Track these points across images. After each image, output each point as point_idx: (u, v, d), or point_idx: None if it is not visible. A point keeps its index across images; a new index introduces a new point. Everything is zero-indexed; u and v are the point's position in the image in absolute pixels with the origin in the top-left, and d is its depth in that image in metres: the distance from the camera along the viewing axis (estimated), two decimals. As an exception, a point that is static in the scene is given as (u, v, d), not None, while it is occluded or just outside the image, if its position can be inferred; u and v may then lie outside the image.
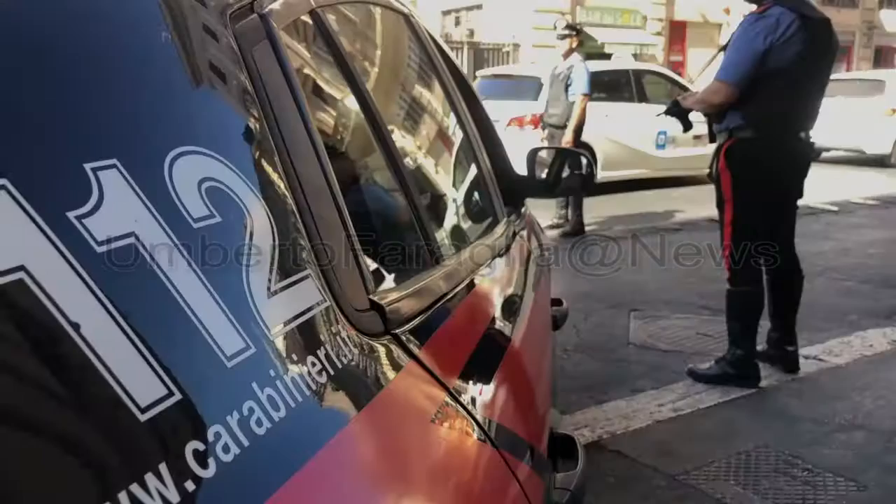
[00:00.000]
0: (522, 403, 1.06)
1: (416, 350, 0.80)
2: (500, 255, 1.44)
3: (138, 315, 0.46)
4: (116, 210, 0.48)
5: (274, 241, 0.61)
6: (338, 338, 0.66)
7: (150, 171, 0.52)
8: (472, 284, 1.15)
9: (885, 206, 8.76)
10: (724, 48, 3.40)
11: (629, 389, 3.51)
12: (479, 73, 12.62)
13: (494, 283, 1.31)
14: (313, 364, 0.60)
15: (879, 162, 12.85)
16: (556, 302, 1.98)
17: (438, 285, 0.99)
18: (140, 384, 0.44)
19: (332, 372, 0.62)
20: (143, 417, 0.44)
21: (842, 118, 12.10)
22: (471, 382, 0.91)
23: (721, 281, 3.54)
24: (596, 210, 8.04)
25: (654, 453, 2.87)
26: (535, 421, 1.10)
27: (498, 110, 9.10)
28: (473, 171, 1.62)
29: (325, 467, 0.54)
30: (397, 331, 0.79)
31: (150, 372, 0.45)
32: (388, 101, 1.23)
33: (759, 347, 3.60)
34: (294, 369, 0.58)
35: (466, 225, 1.50)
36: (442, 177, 1.43)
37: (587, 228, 7.27)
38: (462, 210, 1.53)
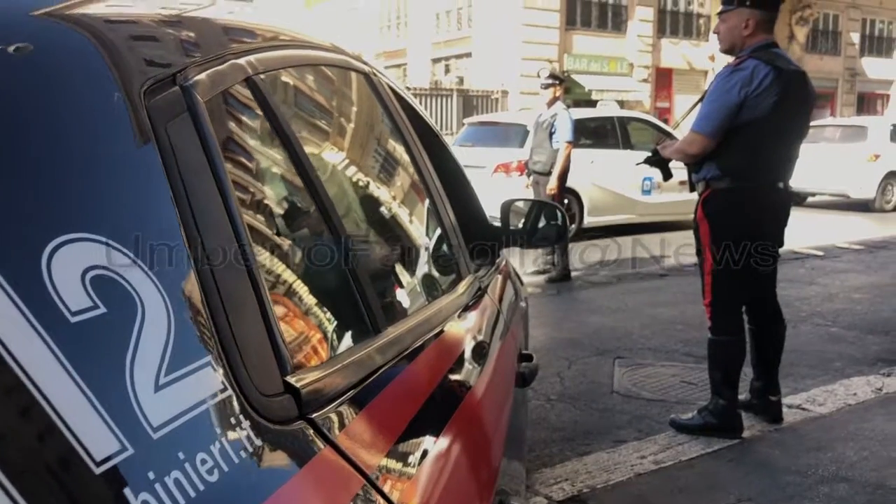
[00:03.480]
0: (460, 480, 1.01)
1: (334, 434, 0.76)
2: (458, 315, 1.41)
3: None
4: None
5: (169, 329, 0.59)
6: (237, 429, 0.63)
7: (23, 264, 0.50)
8: (416, 352, 1.11)
9: (869, 251, 8.81)
10: (701, 99, 3.44)
11: (611, 440, 3.46)
12: (467, 120, 12.76)
13: (444, 348, 1.27)
14: (203, 462, 0.57)
15: (864, 206, 12.98)
16: (527, 357, 1.94)
17: (373, 358, 0.94)
18: None
19: (225, 468, 0.58)
20: None
21: (826, 163, 12.29)
22: (398, 464, 0.86)
23: (706, 328, 3.52)
24: (582, 255, 8.05)
25: (634, 508, 2.82)
26: (475, 495, 1.06)
27: (484, 157, 9.22)
28: (434, 229, 1.59)
29: None
30: (315, 414, 0.75)
31: None
32: (335, 166, 1.20)
33: (742, 397, 3.58)
34: (179, 469, 0.54)
35: (420, 287, 1.46)
36: (392, 240, 1.40)
37: (573, 274, 7.27)
38: (415, 272, 1.49)
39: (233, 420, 0.63)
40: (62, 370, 0.49)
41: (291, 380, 0.74)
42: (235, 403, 0.64)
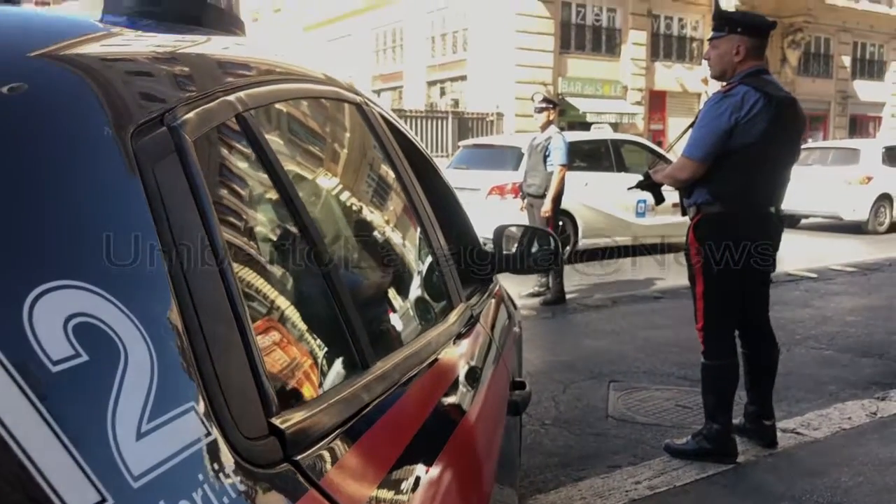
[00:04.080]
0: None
1: (319, 476, 0.75)
2: (449, 346, 1.41)
3: None
4: None
5: (152, 374, 0.59)
6: (220, 475, 0.62)
7: (3, 313, 0.50)
8: (406, 386, 1.10)
9: (863, 273, 8.83)
10: (693, 123, 3.47)
11: (606, 465, 3.45)
12: (462, 142, 12.82)
13: (434, 380, 1.26)
14: None
15: (857, 228, 13.04)
16: (519, 385, 1.93)
17: (361, 394, 0.93)
18: None
19: None
20: None
21: (819, 186, 12.38)
22: (386, 502, 0.85)
23: (700, 350, 3.52)
24: (577, 278, 8.07)
25: (629, 535, 2.80)
26: None
27: (479, 179, 9.26)
28: (425, 257, 1.59)
29: None
30: (299, 456, 0.74)
31: None
32: (325, 199, 1.20)
33: (736, 421, 3.57)
34: None
35: (411, 318, 1.45)
36: (383, 272, 1.40)
37: (568, 296, 7.27)
38: (406, 303, 1.49)
39: (216, 465, 0.62)
40: (40, 420, 0.49)
41: (276, 421, 0.73)
42: (218, 448, 0.64)
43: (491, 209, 8.59)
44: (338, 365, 1.02)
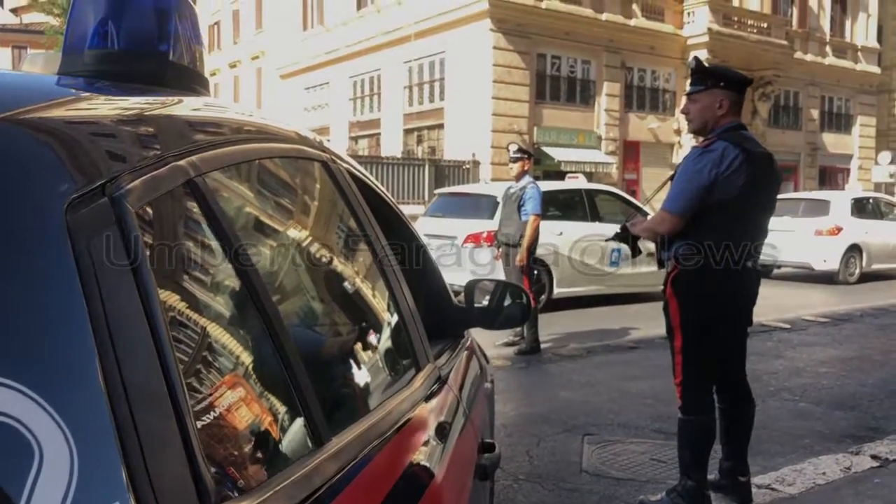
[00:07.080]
0: None
1: None
2: (413, 413, 1.34)
3: None
4: None
5: (70, 477, 0.54)
6: None
7: None
8: (364, 462, 1.03)
9: (834, 324, 8.89)
10: (671, 177, 3.48)
11: (580, 524, 3.38)
12: (438, 191, 12.89)
13: (396, 451, 1.19)
14: None
15: (828, 278, 13.21)
16: (489, 447, 1.87)
17: (312, 477, 0.87)
18: None
19: None
20: None
21: (791, 236, 12.57)
22: None
23: (675, 403, 3.49)
24: (551, 327, 8.04)
25: None
26: None
27: (455, 227, 9.28)
28: (392, 319, 1.56)
29: None
30: None
31: None
32: (282, 264, 1.15)
33: (712, 477, 3.52)
34: None
35: (372, 386, 1.39)
36: (343, 339, 1.35)
37: (543, 346, 7.23)
38: (367, 370, 1.42)
39: None
40: None
41: None
42: None
43: (467, 257, 8.61)
44: (289, 443, 0.95)
